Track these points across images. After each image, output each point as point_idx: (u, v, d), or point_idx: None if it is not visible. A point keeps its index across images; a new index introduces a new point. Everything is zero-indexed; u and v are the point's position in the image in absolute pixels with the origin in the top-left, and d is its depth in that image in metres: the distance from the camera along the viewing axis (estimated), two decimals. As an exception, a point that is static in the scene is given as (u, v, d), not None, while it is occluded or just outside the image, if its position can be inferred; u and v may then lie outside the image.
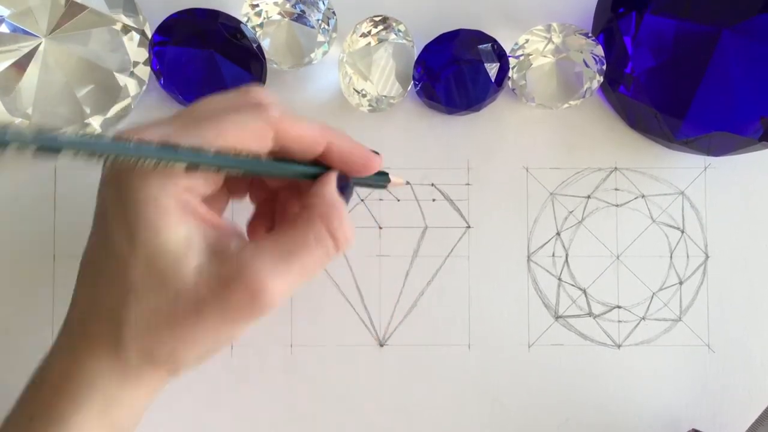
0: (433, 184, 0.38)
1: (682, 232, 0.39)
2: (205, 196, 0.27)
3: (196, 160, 0.24)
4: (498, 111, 0.39)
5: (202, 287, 0.25)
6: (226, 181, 0.29)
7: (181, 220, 0.25)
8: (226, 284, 0.25)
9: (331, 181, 0.28)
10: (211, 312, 0.25)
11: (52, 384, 0.26)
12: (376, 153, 0.30)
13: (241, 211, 0.35)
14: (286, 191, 0.31)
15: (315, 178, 0.28)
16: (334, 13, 0.36)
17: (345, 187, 0.29)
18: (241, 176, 0.27)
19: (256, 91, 0.27)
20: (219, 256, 0.25)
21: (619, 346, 0.38)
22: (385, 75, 0.36)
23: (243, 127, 0.25)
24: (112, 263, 0.25)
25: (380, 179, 0.33)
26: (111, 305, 0.25)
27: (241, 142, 0.25)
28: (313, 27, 0.36)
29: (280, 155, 0.27)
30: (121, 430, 0.27)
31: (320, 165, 0.29)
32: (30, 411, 0.27)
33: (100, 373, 0.26)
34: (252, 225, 0.32)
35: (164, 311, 0.25)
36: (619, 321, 0.38)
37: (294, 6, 0.35)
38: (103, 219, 0.26)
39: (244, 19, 0.36)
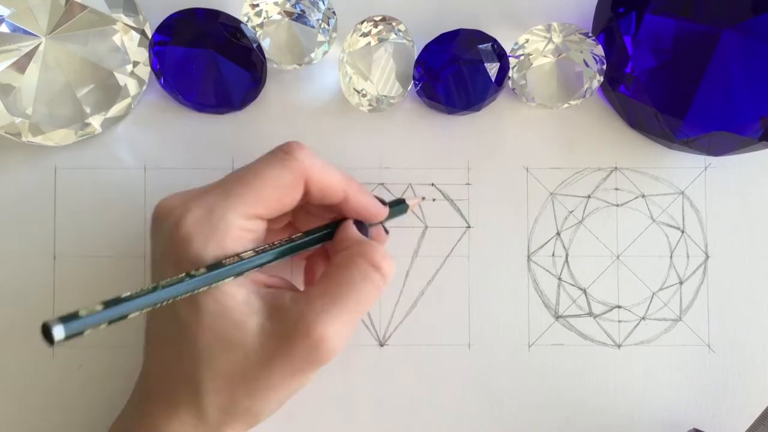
0: (433, 184, 0.38)
1: (682, 231, 0.39)
2: None
3: (242, 270, 0.27)
4: (498, 111, 0.39)
5: (267, 345, 0.26)
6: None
7: (238, 285, 0.27)
8: (288, 338, 0.26)
9: (351, 225, 0.30)
10: (279, 366, 0.26)
11: None
12: (384, 203, 0.32)
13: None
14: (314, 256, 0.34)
15: (332, 236, 0.31)
16: (334, 12, 0.36)
17: (362, 230, 0.31)
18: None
19: (287, 145, 0.29)
20: (277, 312, 0.27)
21: (619, 346, 0.38)
22: (385, 75, 0.36)
23: (278, 183, 0.28)
24: (180, 332, 0.27)
25: (401, 209, 0.35)
26: (185, 371, 0.27)
27: (278, 197, 0.28)
28: (313, 27, 0.36)
29: (306, 202, 0.29)
30: None
31: (329, 225, 0.31)
32: None
33: None
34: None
35: (237, 371, 0.26)
36: (619, 321, 0.38)
37: (294, 6, 0.35)
38: None
39: (244, 19, 0.36)
